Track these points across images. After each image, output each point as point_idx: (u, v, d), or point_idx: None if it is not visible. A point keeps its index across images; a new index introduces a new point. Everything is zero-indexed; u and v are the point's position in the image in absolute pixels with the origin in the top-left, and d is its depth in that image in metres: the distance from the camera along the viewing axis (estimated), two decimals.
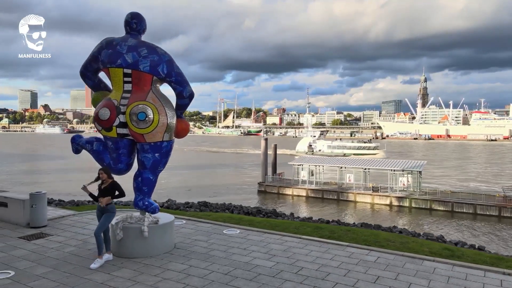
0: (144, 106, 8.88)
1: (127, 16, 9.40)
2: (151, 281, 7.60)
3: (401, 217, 30.05)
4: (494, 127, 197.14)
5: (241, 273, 8.01)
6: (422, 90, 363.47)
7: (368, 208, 33.69)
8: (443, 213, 31.52)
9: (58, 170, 56.81)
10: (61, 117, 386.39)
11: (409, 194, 34.30)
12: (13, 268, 8.31)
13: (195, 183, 42.22)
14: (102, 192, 8.66)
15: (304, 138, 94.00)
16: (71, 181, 44.45)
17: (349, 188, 37.21)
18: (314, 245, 9.99)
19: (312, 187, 37.94)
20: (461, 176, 53.79)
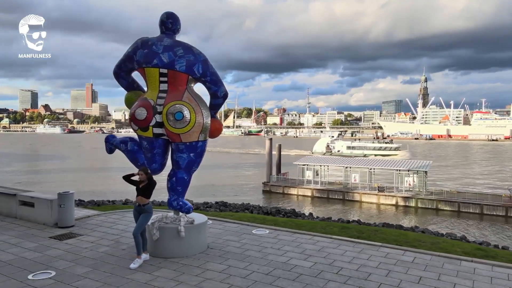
0: (181, 106, 8.89)
1: (163, 16, 9.40)
2: (194, 281, 7.61)
3: (410, 217, 30.08)
4: (495, 127, 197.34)
5: (282, 273, 8.01)
6: (423, 90, 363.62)
7: (375, 208, 33.72)
8: (450, 213, 31.54)
9: (61, 170, 56.79)
10: (61, 117, 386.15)
11: (415, 194, 34.31)
12: (52, 268, 8.31)
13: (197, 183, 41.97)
14: (141, 191, 8.65)
15: (322, 139, 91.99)
16: (76, 181, 44.48)
17: (354, 188, 37.26)
18: (347, 245, 9.99)
19: (317, 187, 37.96)
20: (466, 176, 53.82)
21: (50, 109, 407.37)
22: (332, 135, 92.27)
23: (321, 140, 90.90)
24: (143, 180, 8.67)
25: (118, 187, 40.54)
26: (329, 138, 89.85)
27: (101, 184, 42.26)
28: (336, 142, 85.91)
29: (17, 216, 12.75)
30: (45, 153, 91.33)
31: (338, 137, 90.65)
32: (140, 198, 8.66)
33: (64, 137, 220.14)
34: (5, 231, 11.21)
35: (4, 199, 13.06)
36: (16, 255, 9.11)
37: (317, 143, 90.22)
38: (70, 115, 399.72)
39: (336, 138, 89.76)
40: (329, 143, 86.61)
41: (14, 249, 9.60)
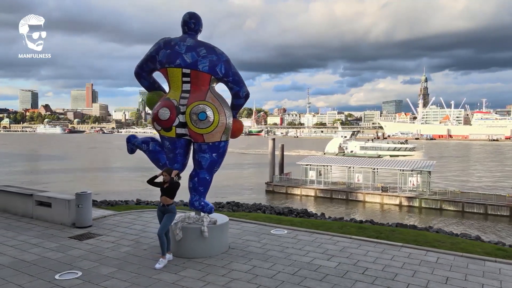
0: (204, 106, 8.89)
1: (185, 16, 9.40)
2: (222, 281, 7.61)
3: (418, 217, 30.10)
4: (495, 127, 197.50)
5: (308, 274, 8.02)
6: (423, 90, 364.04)
7: (380, 208, 33.78)
8: (454, 213, 31.61)
9: (64, 170, 56.77)
10: (61, 117, 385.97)
11: (418, 194, 34.35)
12: (77, 268, 8.32)
13: None
14: (165, 191, 8.65)
15: (334, 139, 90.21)
16: (82, 181, 44.47)
17: (358, 188, 37.30)
18: (368, 246, 10.00)
19: (320, 187, 38.01)
20: (469, 176, 53.84)
21: (50, 109, 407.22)
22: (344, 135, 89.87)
23: (333, 141, 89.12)
24: (167, 180, 8.67)
25: (125, 186, 40.67)
26: (342, 138, 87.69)
27: (108, 184, 42.27)
28: (348, 143, 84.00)
29: (33, 216, 12.76)
30: (49, 153, 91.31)
31: (351, 138, 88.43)
32: (165, 198, 8.66)
33: (64, 137, 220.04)
34: (24, 231, 11.21)
35: (20, 199, 13.07)
36: (39, 255, 9.11)
37: (329, 143, 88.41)
38: (70, 115, 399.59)
39: (349, 138, 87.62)
40: (341, 143, 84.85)
41: (36, 249, 9.60)
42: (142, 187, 41.07)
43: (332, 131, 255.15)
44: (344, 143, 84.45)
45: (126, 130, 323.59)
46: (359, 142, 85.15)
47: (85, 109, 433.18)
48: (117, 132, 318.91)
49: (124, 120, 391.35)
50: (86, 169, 60.41)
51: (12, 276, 7.81)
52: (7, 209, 13.49)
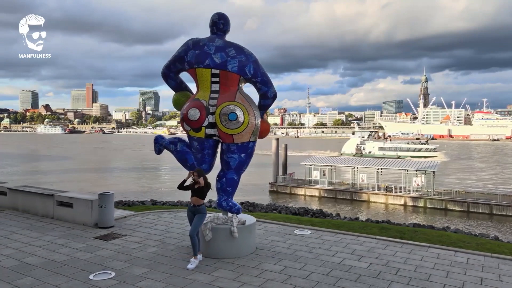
0: (234, 107, 8.90)
1: (214, 16, 9.40)
2: (257, 282, 7.61)
3: (424, 217, 30.13)
4: (496, 127, 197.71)
5: (341, 274, 8.02)
6: (423, 90, 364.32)
7: (384, 208, 33.84)
8: (459, 213, 31.64)
9: (67, 170, 56.74)
10: (62, 117, 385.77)
11: (423, 194, 34.39)
12: (109, 268, 8.32)
13: None
14: (196, 192, 8.65)
15: (352, 139, 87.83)
16: (88, 181, 44.47)
17: (362, 188, 37.34)
18: (394, 246, 10.00)
19: (325, 187, 38.05)
20: (473, 176, 53.87)
21: (50, 109, 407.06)
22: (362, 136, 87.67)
23: (350, 141, 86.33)
24: (197, 181, 8.66)
25: (134, 186, 40.69)
26: (359, 138, 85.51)
27: (117, 184, 42.24)
28: (366, 143, 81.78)
29: (54, 217, 12.75)
30: (57, 154, 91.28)
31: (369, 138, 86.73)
32: (196, 199, 8.66)
33: (66, 137, 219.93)
34: (48, 232, 11.21)
35: (40, 200, 13.07)
36: (69, 256, 9.11)
37: (346, 144, 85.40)
38: (70, 115, 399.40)
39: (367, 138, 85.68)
40: (359, 144, 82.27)
41: (64, 249, 9.60)
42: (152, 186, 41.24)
43: (333, 131, 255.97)
44: (361, 144, 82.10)
45: (126, 130, 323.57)
46: (378, 143, 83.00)
47: (85, 109, 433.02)
48: (117, 132, 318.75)
49: (124, 120, 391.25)
50: (94, 169, 60.39)
51: (47, 277, 7.81)
52: (27, 209, 13.49)
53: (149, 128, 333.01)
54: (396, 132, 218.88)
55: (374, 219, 19.19)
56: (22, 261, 8.73)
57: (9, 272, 8.02)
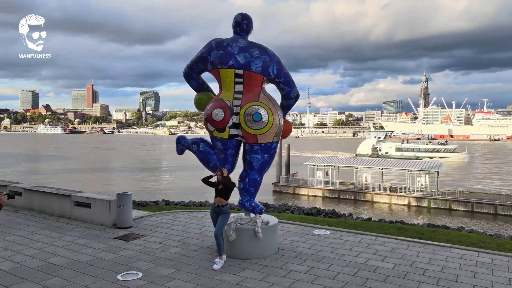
0: (259, 107, 8.90)
1: (237, 17, 9.40)
2: (285, 282, 7.61)
3: (435, 217, 30.12)
4: (497, 127, 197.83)
5: (368, 275, 8.02)
6: (423, 90, 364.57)
7: (388, 208, 33.90)
8: (463, 213, 31.72)
9: (73, 170, 56.73)
10: (62, 117, 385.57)
11: (427, 194, 34.42)
12: (135, 268, 8.32)
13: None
14: (220, 192, 8.65)
15: (367, 140, 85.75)
16: (93, 182, 44.47)
17: (366, 188, 37.39)
18: (416, 246, 10.00)
19: (328, 187, 38.09)
20: (476, 176, 53.90)
21: (51, 109, 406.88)
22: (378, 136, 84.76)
23: (366, 142, 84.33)
24: (220, 181, 8.66)
25: (142, 186, 40.66)
26: (375, 139, 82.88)
27: (123, 184, 42.21)
28: (382, 144, 79.24)
29: (71, 217, 12.75)
30: (57, 154, 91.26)
31: (385, 138, 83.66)
32: (219, 199, 8.66)
33: (66, 137, 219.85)
34: (67, 232, 11.20)
35: (57, 200, 13.06)
36: (92, 256, 9.10)
37: (362, 144, 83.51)
38: (71, 115, 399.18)
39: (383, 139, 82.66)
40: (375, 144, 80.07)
41: (86, 249, 9.59)
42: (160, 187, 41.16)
43: (333, 131, 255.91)
44: (377, 144, 79.84)
45: (126, 130, 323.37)
46: (395, 143, 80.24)
47: (85, 109, 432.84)
48: (117, 132, 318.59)
49: (124, 120, 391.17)
50: (100, 169, 60.38)
51: (75, 277, 7.81)
52: (43, 209, 13.48)
53: (150, 128, 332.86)
54: (397, 132, 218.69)
55: (387, 219, 19.17)
56: (47, 261, 8.73)
57: (36, 273, 8.02)
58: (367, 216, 21.27)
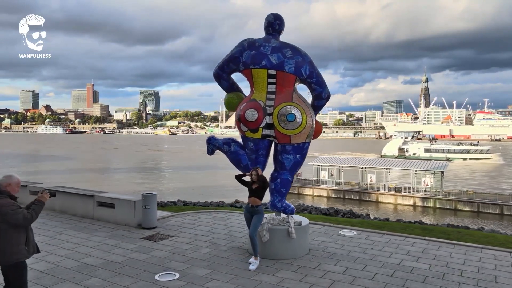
0: (292, 107, 8.88)
1: (270, 17, 9.38)
2: (325, 283, 7.58)
3: (438, 216, 30.14)
4: (498, 127, 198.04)
5: (406, 275, 8.00)
6: (424, 90, 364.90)
7: (394, 209, 33.95)
8: (469, 214, 31.75)
9: (80, 170, 56.70)
10: (62, 117, 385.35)
11: (433, 194, 34.45)
12: (169, 269, 8.29)
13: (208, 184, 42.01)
14: (254, 192, 8.62)
15: (394, 140, 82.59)
16: (101, 182, 44.42)
17: (371, 189, 37.42)
18: (447, 247, 9.98)
19: (333, 188, 38.12)
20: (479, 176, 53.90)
21: (51, 110, 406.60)
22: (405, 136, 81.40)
23: (392, 143, 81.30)
24: (255, 180, 8.64)
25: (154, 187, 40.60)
26: (402, 139, 79.73)
27: (133, 184, 42.20)
28: (410, 144, 76.39)
29: (94, 217, 12.73)
30: (62, 154, 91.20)
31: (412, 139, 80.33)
32: (254, 199, 8.64)
33: (67, 137, 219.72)
34: (94, 232, 11.18)
35: (80, 200, 13.04)
36: (125, 256, 9.08)
37: (387, 145, 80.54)
38: (71, 115, 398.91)
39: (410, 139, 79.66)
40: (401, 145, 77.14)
41: (117, 250, 9.57)
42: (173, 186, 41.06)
43: (334, 131, 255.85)
44: (404, 145, 76.99)
45: (127, 131, 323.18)
46: (424, 144, 77.67)
47: (86, 110, 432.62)
48: (118, 132, 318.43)
49: (125, 120, 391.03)
50: (106, 170, 60.35)
51: (112, 277, 7.79)
52: (65, 209, 13.45)
53: (150, 128, 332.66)
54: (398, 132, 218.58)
55: (405, 219, 19.15)
56: (81, 261, 8.70)
57: (73, 273, 7.99)
58: (384, 217, 21.25)
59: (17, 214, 5.29)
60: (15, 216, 5.27)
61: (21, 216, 5.30)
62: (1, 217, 5.24)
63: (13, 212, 5.27)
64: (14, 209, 5.30)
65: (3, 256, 5.34)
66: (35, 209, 5.51)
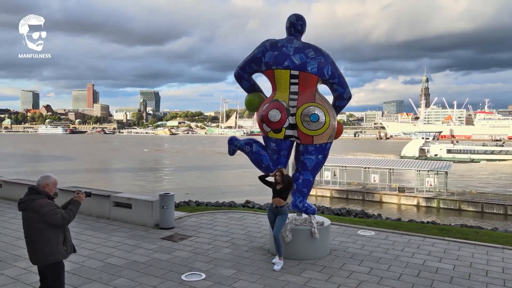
0: (315, 108, 8.89)
1: (292, 17, 9.38)
2: (352, 283, 7.58)
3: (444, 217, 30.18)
4: (498, 127, 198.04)
5: (432, 276, 8.00)
6: (424, 90, 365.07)
7: (398, 209, 34.00)
8: (473, 214, 31.86)
9: (88, 170, 56.70)
10: (63, 117, 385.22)
11: (436, 194, 34.49)
12: (194, 269, 8.30)
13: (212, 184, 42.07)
14: (278, 193, 8.62)
15: (414, 141, 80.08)
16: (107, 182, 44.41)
17: (374, 189, 37.47)
18: (468, 247, 9.98)
19: (336, 188, 38.16)
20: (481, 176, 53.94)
21: (51, 110, 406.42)
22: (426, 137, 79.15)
23: (412, 143, 78.79)
24: (279, 181, 8.64)
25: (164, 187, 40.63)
26: (422, 140, 77.77)
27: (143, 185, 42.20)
28: (431, 145, 74.22)
29: (110, 217, 12.73)
30: (66, 154, 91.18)
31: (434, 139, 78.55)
32: (278, 200, 8.63)
33: (68, 137, 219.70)
34: (112, 232, 11.18)
35: (96, 200, 13.02)
36: (148, 256, 9.08)
37: (407, 146, 78.16)
38: (71, 115, 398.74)
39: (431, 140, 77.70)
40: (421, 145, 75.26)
41: (139, 250, 9.57)
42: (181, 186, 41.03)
43: None
44: (427, 146, 74.84)
45: (127, 131, 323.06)
46: (446, 144, 75.12)
47: (86, 110, 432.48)
48: (118, 132, 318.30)
49: (125, 120, 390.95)
50: (111, 170, 60.36)
51: (139, 277, 7.79)
52: (80, 210, 13.25)
53: (150, 128, 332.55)
54: (398, 132, 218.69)
55: (417, 219, 19.16)
56: (105, 262, 8.71)
57: (98, 273, 8.00)
58: (397, 217, 21.25)
59: (56, 214, 5.30)
60: (54, 216, 5.28)
61: (59, 216, 5.32)
62: (40, 217, 5.25)
63: (52, 212, 5.28)
64: (53, 209, 5.32)
65: (42, 256, 5.36)
66: (72, 209, 5.53)
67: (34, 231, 5.31)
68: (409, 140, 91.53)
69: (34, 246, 5.36)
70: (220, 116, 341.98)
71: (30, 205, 5.31)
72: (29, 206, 5.32)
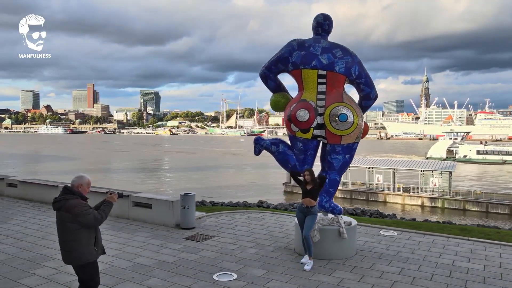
0: (344, 108, 8.87)
1: (319, 17, 9.37)
2: (385, 284, 7.56)
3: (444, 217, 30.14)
4: (499, 127, 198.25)
5: (464, 276, 7.98)
6: (424, 90, 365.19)
7: (403, 209, 33.99)
8: (478, 214, 31.85)
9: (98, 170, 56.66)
10: (63, 117, 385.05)
11: (441, 194, 34.48)
12: (224, 269, 8.27)
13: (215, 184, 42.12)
14: (308, 193, 8.60)
15: (441, 142, 77.44)
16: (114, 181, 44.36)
17: (378, 189, 37.46)
18: (494, 248, 9.96)
19: (340, 188, 38.03)
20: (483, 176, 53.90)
21: (52, 110, 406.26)
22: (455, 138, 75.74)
23: (438, 144, 75.79)
24: (308, 181, 8.61)
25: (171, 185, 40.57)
26: (450, 140, 74.61)
27: (153, 184, 42.15)
28: (459, 146, 70.83)
29: (130, 217, 12.70)
30: (70, 154, 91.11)
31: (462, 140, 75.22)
32: (309, 200, 8.60)
33: (68, 137, 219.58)
34: (135, 232, 11.15)
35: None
36: (175, 256, 9.05)
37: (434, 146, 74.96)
38: (71, 115, 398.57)
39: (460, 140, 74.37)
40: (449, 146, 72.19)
41: (165, 250, 9.54)
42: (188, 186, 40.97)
43: None
44: (455, 147, 71.68)
45: (128, 131, 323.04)
46: (475, 145, 71.51)
47: (86, 110, 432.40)
48: (119, 132, 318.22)
49: (125, 120, 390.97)
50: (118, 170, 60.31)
51: (171, 277, 7.76)
52: None
53: (151, 128, 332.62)
54: (399, 132, 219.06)
55: (433, 219, 19.14)
56: (134, 261, 8.68)
57: (130, 273, 7.97)
58: (412, 217, 21.22)
59: (88, 215, 5.30)
60: (87, 217, 5.28)
61: (92, 216, 5.32)
62: (73, 217, 5.24)
63: (85, 212, 5.28)
64: (85, 210, 5.32)
65: (74, 256, 5.35)
66: (104, 210, 5.54)
67: (67, 231, 5.31)
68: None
69: (66, 245, 5.37)
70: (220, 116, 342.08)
71: (64, 205, 5.30)
72: (63, 206, 5.31)
